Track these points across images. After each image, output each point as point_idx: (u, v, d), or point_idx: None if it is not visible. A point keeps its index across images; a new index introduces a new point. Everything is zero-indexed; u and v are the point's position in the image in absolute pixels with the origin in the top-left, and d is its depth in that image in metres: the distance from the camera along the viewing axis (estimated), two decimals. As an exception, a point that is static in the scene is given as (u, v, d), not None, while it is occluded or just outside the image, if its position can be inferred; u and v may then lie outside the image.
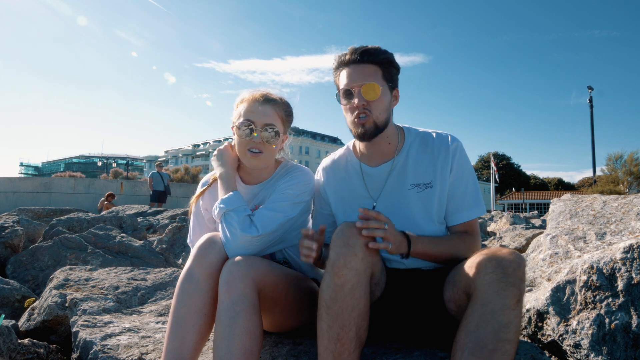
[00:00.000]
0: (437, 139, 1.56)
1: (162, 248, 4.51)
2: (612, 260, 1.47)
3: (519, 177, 67.88)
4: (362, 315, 1.23)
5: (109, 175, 46.33)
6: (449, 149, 1.53)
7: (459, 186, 1.53)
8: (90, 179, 20.51)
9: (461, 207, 1.53)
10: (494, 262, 1.16)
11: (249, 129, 1.56)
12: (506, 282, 1.12)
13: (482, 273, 1.17)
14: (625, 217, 2.01)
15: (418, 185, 1.53)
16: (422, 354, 1.40)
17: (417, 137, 1.59)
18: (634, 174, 15.66)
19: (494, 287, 1.12)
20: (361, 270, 1.22)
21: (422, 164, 1.54)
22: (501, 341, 1.09)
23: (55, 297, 2.03)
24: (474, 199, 1.54)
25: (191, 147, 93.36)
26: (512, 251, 1.20)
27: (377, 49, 1.49)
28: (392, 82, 1.52)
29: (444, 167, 1.52)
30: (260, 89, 1.66)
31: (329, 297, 1.22)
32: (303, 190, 1.59)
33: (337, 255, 1.22)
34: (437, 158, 1.53)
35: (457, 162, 1.53)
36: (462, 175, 1.53)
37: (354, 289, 1.21)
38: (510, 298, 1.11)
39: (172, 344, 1.31)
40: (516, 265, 1.14)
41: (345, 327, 1.20)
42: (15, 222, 4.02)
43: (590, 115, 19.01)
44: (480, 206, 1.54)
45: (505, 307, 1.11)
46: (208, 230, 1.71)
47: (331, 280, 1.22)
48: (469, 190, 1.54)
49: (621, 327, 1.37)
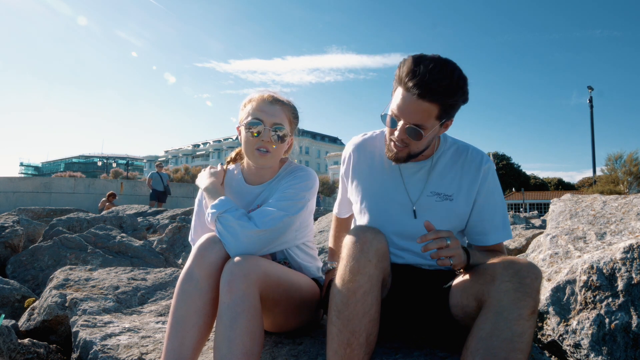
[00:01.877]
0: (470, 155, 1.51)
1: (162, 248, 4.50)
2: (612, 260, 1.47)
3: (519, 177, 67.84)
4: (373, 322, 1.23)
5: (109, 175, 46.28)
6: (481, 169, 1.48)
7: (488, 208, 1.49)
8: (90, 179, 20.51)
9: (490, 229, 1.49)
10: (510, 271, 1.15)
11: (258, 128, 1.56)
12: (523, 292, 1.11)
13: (497, 281, 1.15)
14: (625, 217, 2.01)
15: (438, 195, 1.49)
16: (422, 354, 1.40)
17: (452, 146, 1.54)
18: (634, 174, 15.66)
19: (510, 297, 1.12)
20: (374, 276, 1.22)
21: (448, 175, 1.50)
22: (514, 351, 1.09)
23: (55, 297, 2.03)
24: (502, 223, 1.50)
25: (191, 147, 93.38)
26: (529, 262, 1.18)
27: (448, 88, 1.27)
28: (448, 116, 1.37)
29: (471, 184, 1.48)
30: (269, 90, 1.67)
31: (340, 302, 1.21)
32: (305, 190, 1.59)
33: (352, 260, 1.21)
34: (465, 174, 1.49)
35: (488, 185, 1.49)
36: (493, 198, 1.50)
37: (366, 295, 1.21)
38: (526, 308, 1.10)
39: (172, 344, 1.31)
40: (534, 277, 1.14)
41: (356, 333, 1.19)
42: (15, 222, 4.02)
43: (590, 115, 19.02)
44: (508, 230, 1.50)
45: (520, 318, 1.10)
46: (209, 229, 1.71)
47: (344, 285, 1.21)
48: (498, 214, 1.50)
49: (621, 327, 1.37)
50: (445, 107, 1.32)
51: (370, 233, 1.26)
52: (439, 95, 1.27)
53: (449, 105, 1.32)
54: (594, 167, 19.03)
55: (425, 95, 1.27)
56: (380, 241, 1.27)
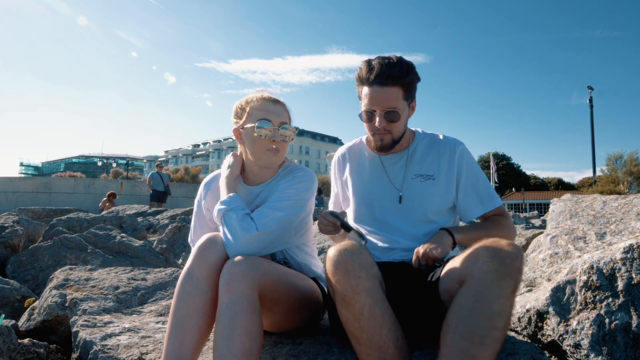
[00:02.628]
0: (443, 141, 1.69)
1: (162, 248, 4.50)
2: (612, 260, 1.47)
3: (519, 177, 67.84)
4: (392, 326, 1.22)
5: (109, 175, 46.31)
6: (456, 150, 1.65)
7: (471, 183, 1.65)
8: (90, 179, 20.52)
9: (477, 202, 1.65)
10: (491, 252, 1.18)
11: (268, 128, 1.56)
12: (503, 272, 1.14)
13: (479, 262, 1.18)
14: (625, 217, 2.01)
15: (421, 176, 1.65)
16: (421, 354, 1.40)
17: (425, 137, 1.72)
18: (634, 174, 15.67)
19: (490, 276, 1.15)
20: (371, 287, 1.22)
21: (427, 158, 1.67)
22: (493, 328, 1.12)
23: (55, 297, 2.03)
24: (487, 193, 1.66)
25: (191, 147, 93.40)
26: (510, 242, 1.22)
27: (401, 70, 1.52)
28: (412, 97, 1.59)
29: (448, 165, 1.64)
30: (266, 90, 1.67)
31: (354, 328, 1.21)
32: (304, 190, 1.59)
33: (342, 285, 1.21)
34: (442, 156, 1.66)
35: (466, 163, 1.65)
36: (473, 173, 1.66)
37: (373, 308, 1.20)
38: (506, 288, 1.13)
39: (172, 344, 1.31)
40: (514, 256, 1.17)
41: (383, 348, 1.19)
42: (15, 222, 4.02)
43: (590, 115, 19.03)
44: (495, 198, 1.66)
45: (500, 297, 1.13)
46: (209, 230, 1.71)
47: (349, 312, 1.21)
48: (482, 184, 1.66)
49: (621, 327, 1.37)
50: (406, 87, 1.54)
51: (347, 250, 1.25)
52: (397, 78, 1.51)
53: (408, 84, 1.55)
54: (594, 167, 19.06)
55: (387, 82, 1.51)
56: (361, 251, 1.26)
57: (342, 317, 1.24)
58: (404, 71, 1.52)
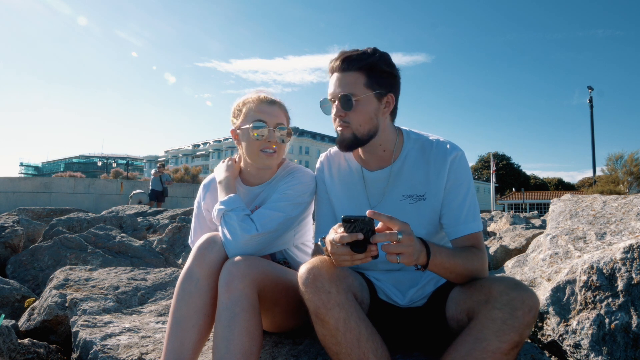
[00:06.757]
0: (435, 148, 1.46)
1: (162, 248, 4.50)
2: (612, 260, 1.47)
3: (519, 177, 67.84)
4: (370, 337, 1.20)
5: (109, 175, 46.27)
6: (447, 159, 1.43)
7: (455, 197, 1.42)
8: (90, 179, 20.51)
9: (459, 220, 1.41)
10: (505, 298, 1.10)
11: (263, 129, 1.56)
12: (510, 325, 1.07)
13: (490, 305, 1.12)
14: (625, 217, 2.01)
15: (411, 197, 1.46)
16: (421, 355, 1.40)
17: (416, 144, 1.50)
18: (634, 174, 15.64)
19: (495, 327, 1.08)
20: (343, 301, 1.19)
21: (417, 174, 1.47)
22: None
23: (55, 297, 2.03)
24: (470, 213, 1.41)
25: (191, 147, 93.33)
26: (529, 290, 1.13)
27: (361, 54, 1.38)
28: (382, 88, 1.40)
29: (438, 177, 1.43)
30: (263, 90, 1.66)
31: (331, 344, 1.20)
32: (304, 191, 1.59)
33: (314, 303, 1.19)
34: (433, 169, 1.45)
35: (455, 174, 1.43)
36: (459, 187, 1.42)
37: (348, 321, 1.18)
38: (507, 343, 1.07)
39: (172, 344, 1.31)
40: (527, 309, 1.08)
41: (363, 359, 1.18)
42: (15, 222, 4.02)
43: (590, 115, 19.02)
44: (477, 221, 1.42)
45: (497, 351, 1.07)
46: (209, 231, 1.71)
47: (324, 329, 1.19)
48: (467, 203, 1.42)
49: (621, 327, 1.37)
50: (370, 74, 1.38)
51: (314, 267, 1.22)
52: (357, 61, 1.37)
53: (369, 69, 1.38)
54: (594, 167, 19.04)
55: (346, 67, 1.38)
56: (326, 267, 1.23)
57: (319, 334, 1.22)
58: (366, 55, 1.37)
